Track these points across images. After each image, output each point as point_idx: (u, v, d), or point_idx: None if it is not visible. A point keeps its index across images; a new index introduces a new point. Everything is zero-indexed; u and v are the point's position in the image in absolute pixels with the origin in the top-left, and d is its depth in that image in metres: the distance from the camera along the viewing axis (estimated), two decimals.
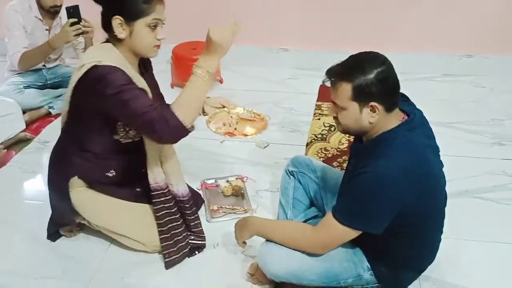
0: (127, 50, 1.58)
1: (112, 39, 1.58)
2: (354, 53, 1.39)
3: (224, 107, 1.78)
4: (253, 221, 1.59)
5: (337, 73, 1.37)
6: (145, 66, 1.74)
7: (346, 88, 1.33)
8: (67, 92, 1.61)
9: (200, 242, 1.84)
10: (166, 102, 1.86)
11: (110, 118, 1.58)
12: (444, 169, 1.47)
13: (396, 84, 1.35)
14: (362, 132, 1.42)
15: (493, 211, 2.07)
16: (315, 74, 3.27)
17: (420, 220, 1.41)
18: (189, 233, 1.82)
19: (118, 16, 1.51)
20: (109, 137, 1.66)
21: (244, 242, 1.62)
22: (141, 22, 1.52)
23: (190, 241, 1.81)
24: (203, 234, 1.85)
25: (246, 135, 1.68)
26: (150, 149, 1.68)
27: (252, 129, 1.70)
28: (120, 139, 1.68)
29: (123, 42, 1.56)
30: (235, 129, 1.68)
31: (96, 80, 1.48)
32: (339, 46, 3.35)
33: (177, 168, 1.78)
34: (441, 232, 1.54)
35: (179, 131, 1.47)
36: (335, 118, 1.44)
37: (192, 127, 1.51)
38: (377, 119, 1.35)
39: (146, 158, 1.68)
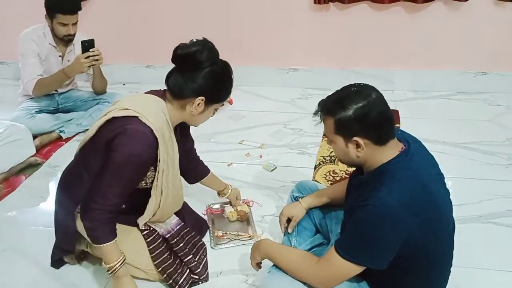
0: (180, 115, 1.62)
1: (173, 100, 1.59)
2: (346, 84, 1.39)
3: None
4: (265, 243, 1.58)
5: (323, 106, 1.38)
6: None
7: (330, 122, 1.34)
8: (97, 122, 1.60)
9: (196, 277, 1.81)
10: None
11: None
12: (455, 193, 1.42)
13: (381, 118, 1.30)
14: (356, 164, 1.39)
15: (507, 238, 1.98)
16: (325, 94, 3.20)
17: (425, 253, 1.35)
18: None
19: (203, 98, 1.56)
20: None
21: (258, 265, 1.60)
22: (215, 105, 1.64)
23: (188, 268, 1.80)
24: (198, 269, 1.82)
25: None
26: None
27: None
28: None
29: (184, 110, 1.59)
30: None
31: (121, 133, 1.49)
32: (350, 64, 3.33)
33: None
34: (450, 264, 1.47)
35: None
36: None
37: None
38: (365, 153, 1.32)
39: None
